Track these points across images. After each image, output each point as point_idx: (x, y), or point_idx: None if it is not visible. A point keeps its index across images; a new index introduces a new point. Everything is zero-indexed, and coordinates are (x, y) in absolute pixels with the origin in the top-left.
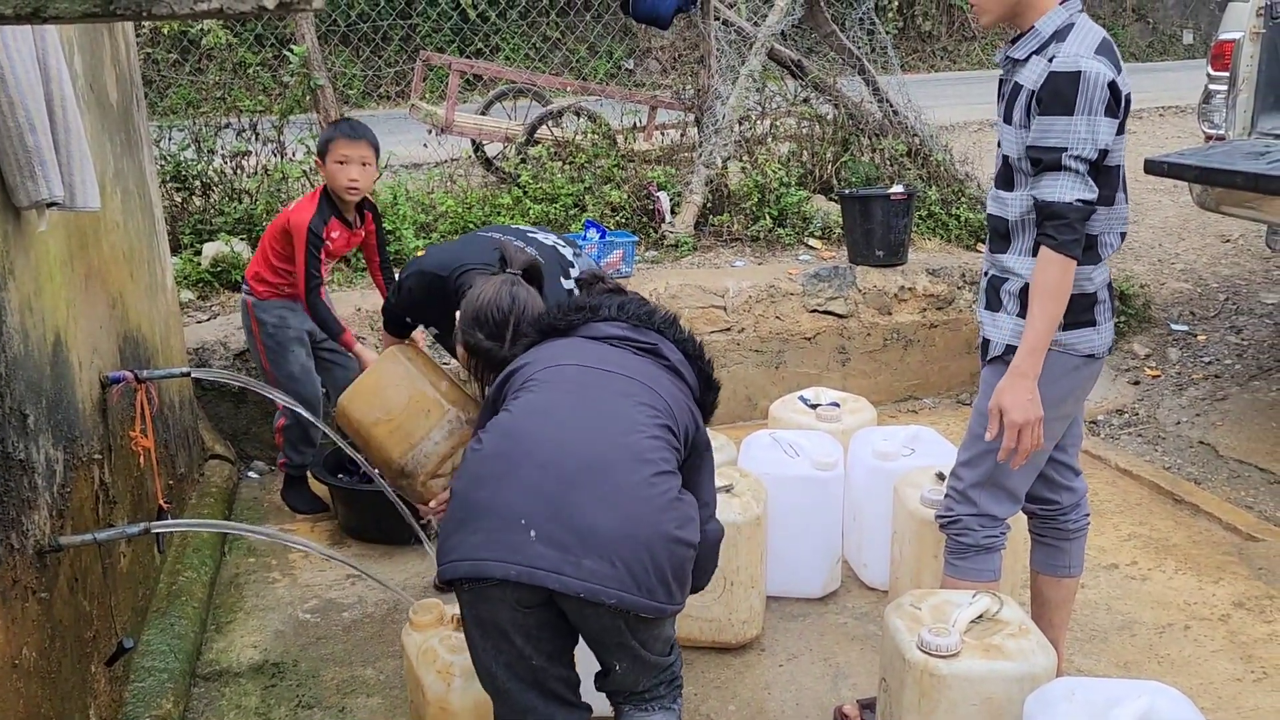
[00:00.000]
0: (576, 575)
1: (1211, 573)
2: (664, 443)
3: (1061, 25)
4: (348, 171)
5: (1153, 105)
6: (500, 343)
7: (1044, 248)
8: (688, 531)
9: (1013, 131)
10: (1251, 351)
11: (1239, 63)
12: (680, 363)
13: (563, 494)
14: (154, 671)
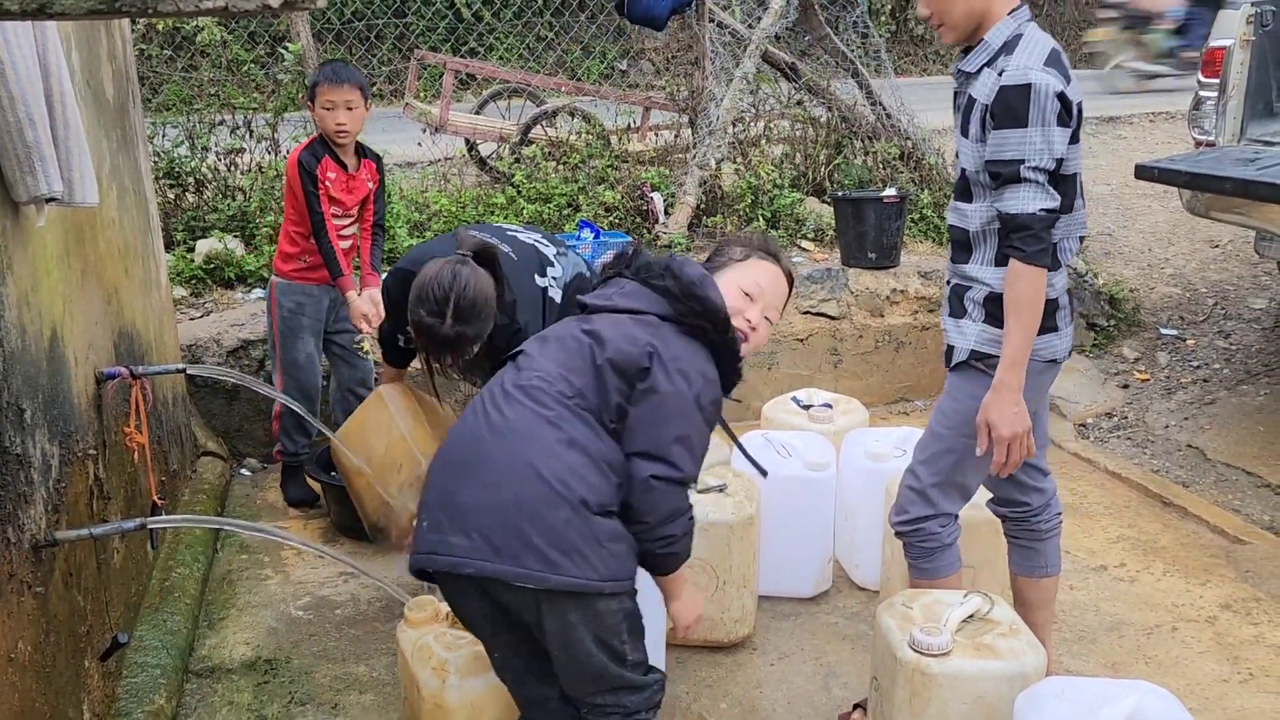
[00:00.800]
0: (444, 552)
1: (1199, 575)
2: (547, 397)
3: (1010, 36)
4: (335, 116)
5: (1143, 111)
6: (440, 319)
7: (1014, 261)
8: (566, 486)
9: (970, 145)
10: (1239, 356)
11: (1229, 69)
12: (625, 294)
13: (447, 480)
14: (147, 667)
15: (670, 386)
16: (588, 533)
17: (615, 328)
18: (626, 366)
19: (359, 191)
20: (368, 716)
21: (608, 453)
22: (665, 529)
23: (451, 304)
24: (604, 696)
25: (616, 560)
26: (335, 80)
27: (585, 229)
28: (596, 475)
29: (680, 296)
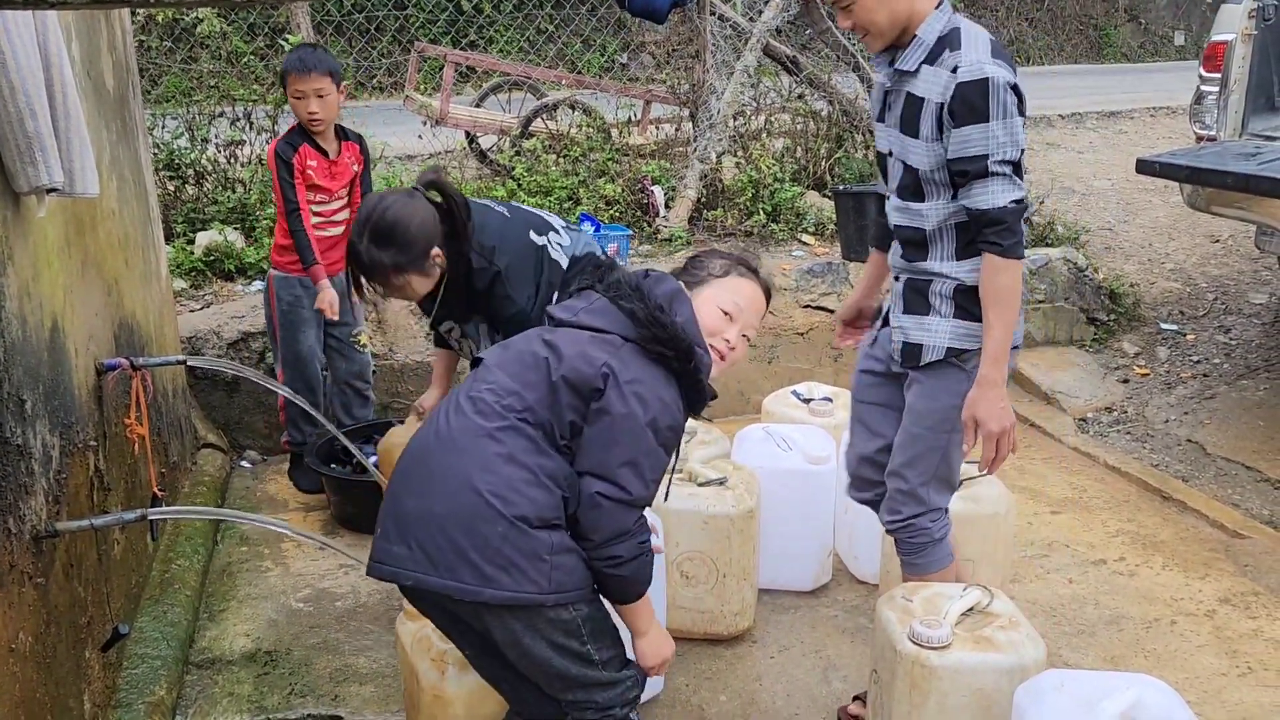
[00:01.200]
0: (387, 561)
1: (1198, 569)
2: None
3: (945, 30)
4: (306, 105)
5: (1144, 106)
6: (359, 239)
7: (991, 256)
8: (503, 501)
9: (923, 145)
10: (1240, 351)
11: (1231, 64)
12: (591, 311)
13: (398, 488)
14: (147, 658)
15: (624, 409)
16: (526, 547)
17: (574, 345)
18: (580, 385)
19: (343, 176)
20: (368, 708)
21: (552, 468)
22: (611, 548)
23: (370, 226)
24: (575, 693)
25: (563, 572)
26: (302, 69)
27: (586, 222)
28: (537, 490)
29: (644, 321)
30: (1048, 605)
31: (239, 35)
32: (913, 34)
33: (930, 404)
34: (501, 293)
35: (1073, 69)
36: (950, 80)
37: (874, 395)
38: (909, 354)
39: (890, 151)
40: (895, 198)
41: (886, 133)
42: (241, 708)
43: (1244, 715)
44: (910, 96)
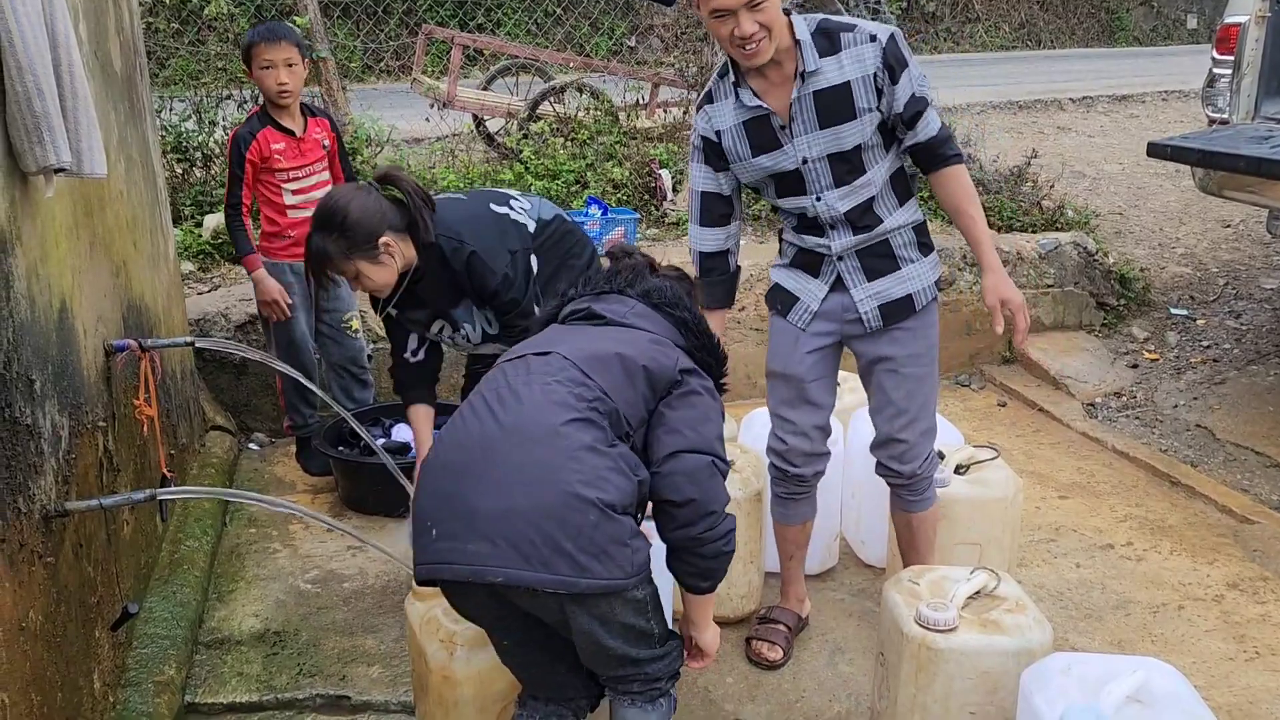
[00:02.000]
0: (462, 561)
1: (1206, 554)
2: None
3: (813, 26)
4: (275, 75)
5: (1156, 90)
6: (312, 231)
7: (952, 167)
8: (592, 489)
9: (862, 120)
10: (1250, 336)
11: (1244, 46)
12: (640, 315)
13: (455, 488)
14: (156, 638)
15: (710, 396)
16: (615, 534)
17: (640, 341)
18: (659, 375)
19: (313, 151)
20: (376, 688)
21: (628, 455)
22: (729, 521)
23: (316, 215)
24: (627, 669)
25: (638, 554)
26: (271, 38)
27: (593, 205)
28: (620, 477)
29: (696, 333)
30: (1055, 590)
31: (247, 17)
32: (789, 41)
33: (923, 343)
34: (480, 268)
35: (1084, 53)
36: (875, 49)
37: (819, 370)
38: (895, 311)
39: (806, 159)
40: (832, 191)
41: (795, 144)
42: (250, 687)
43: (1251, 699)
44: (826, 91)
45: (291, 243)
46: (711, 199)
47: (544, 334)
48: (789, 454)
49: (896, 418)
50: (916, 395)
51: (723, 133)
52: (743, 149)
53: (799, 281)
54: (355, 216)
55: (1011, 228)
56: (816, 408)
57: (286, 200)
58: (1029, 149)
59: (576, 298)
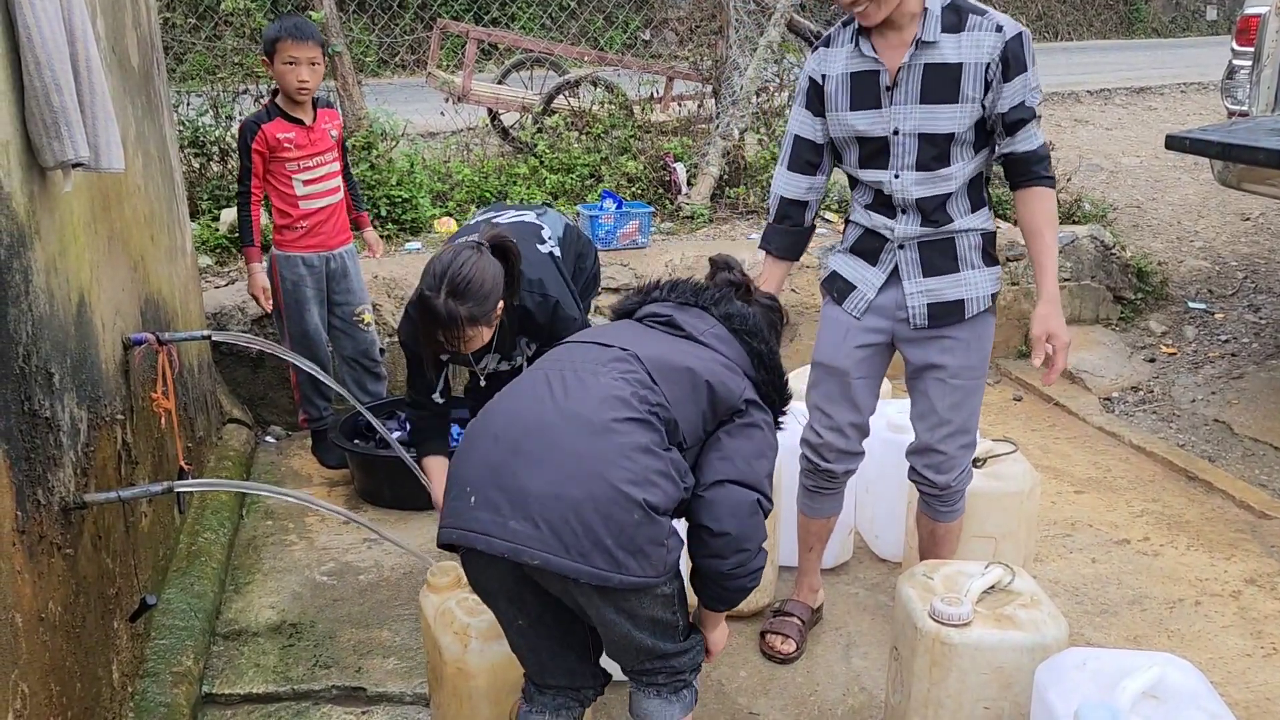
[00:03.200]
0: (501, 536)
1: (1224, 549)
2: (632, 399)
3: (946, 0)
4: (297, 72)
5: (1174, 82)
6: (435, 293)
7: (1042, 188)
8: (642, 491)
9: (962, 108)
10: (1269, 330)
11: (1264, 38)
12: (718, 337)
13: (504, 460)
14: (174, 629)
15: (766, 430)
16: (654, 534)
17: (713, 361)
18: (723, 398)
19: (322, 141)
20: (391, 680)
21: (679, 462)
22: (760, 559)
23: (447, 279)
24: (653, 661)
25: (673, 554)
26: (300, 35)
27: (608, 199)
28: (668, 482)
29: (768, 367)
30: (1070, 584)
31: (263, 12)
32: (919, 8)
33: (974, 355)
34: (564, 316)
35: (1102, 45)
36: (998, 39)
37: (865, 369)
38: (944, 312)
39: (898, 130)
40: (912, 172)
41: (892, 111)
42: (267, 679)
43: (1268, 695)
44: (937, 66)
45: (304, 234)
46: (803, 145)
47: (618, 328)
48: (823, 449)
49: (939, 427)
50: (963, 407)
51: (829, 78)
52: (843, 99)
53: (857, 270)
54: (489, 286)
55: None
56: (857, 408)
57: (297, 190)
58: (1046, 142)
59: (660, 300)
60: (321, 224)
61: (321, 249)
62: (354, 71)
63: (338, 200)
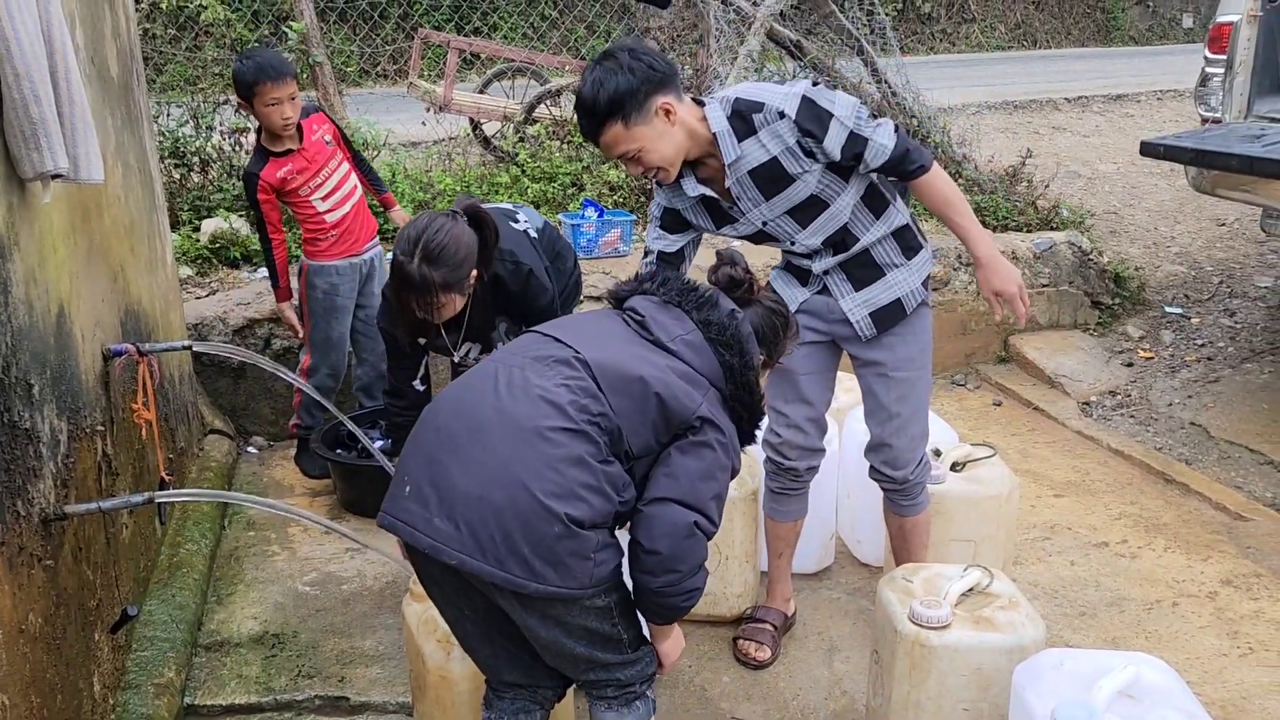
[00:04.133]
0: (426, 531)
1: (1200, 551)
2: (569, 408)
3: (728, 111)
4: (280, 111)
5: (1151, 89)
6: (409, 259)
7: (922, 176)
8: (563, 504)
9: (807, 176)
10: (1244, 334)
11: (1236, 45)
12: (689, 344)
13: (440, 454)
14: (156, 641)
15: (719, 450)
16: (577, 548)
17: (671, 373)
18: (675, 411)
19: (320, 154)
20: (374, 689)
21: (614, 475)
22: (694, 580)
23: (421, 244)
24: (597, 673)
25: (602, 567)
26: (278, 76)
27: (589, 208)
28: (598, 496)
29: (739, 383)
30: (1049, 587)
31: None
32: (708, 136)
33: (914, 347)
34: (536, 286)
35: (1079, 53)
36: (788, 125)
37: (811, 365)
38: (888, 315)
39: (766, 222)
40: (802, 232)
41: (749, 217)
42: (249, 689)
43: (1244, 695)
44: (757, 169)
45: (335, 241)
46: (670, 217)
47: (588, 321)
48: (783, 447)
49: (888, 421)
50: (909, 400)
51: (685, 210)
52: (705, 221)
53: (788, 288)
54: (464, 253)
55: (1006, 227)
56: (809, 403)
57: (320, 208)
58: (1024, 149)
59: (649, 294)
60: (352, 223)
61: (352, 253)
62: (335, 82)
63: (359, 198)
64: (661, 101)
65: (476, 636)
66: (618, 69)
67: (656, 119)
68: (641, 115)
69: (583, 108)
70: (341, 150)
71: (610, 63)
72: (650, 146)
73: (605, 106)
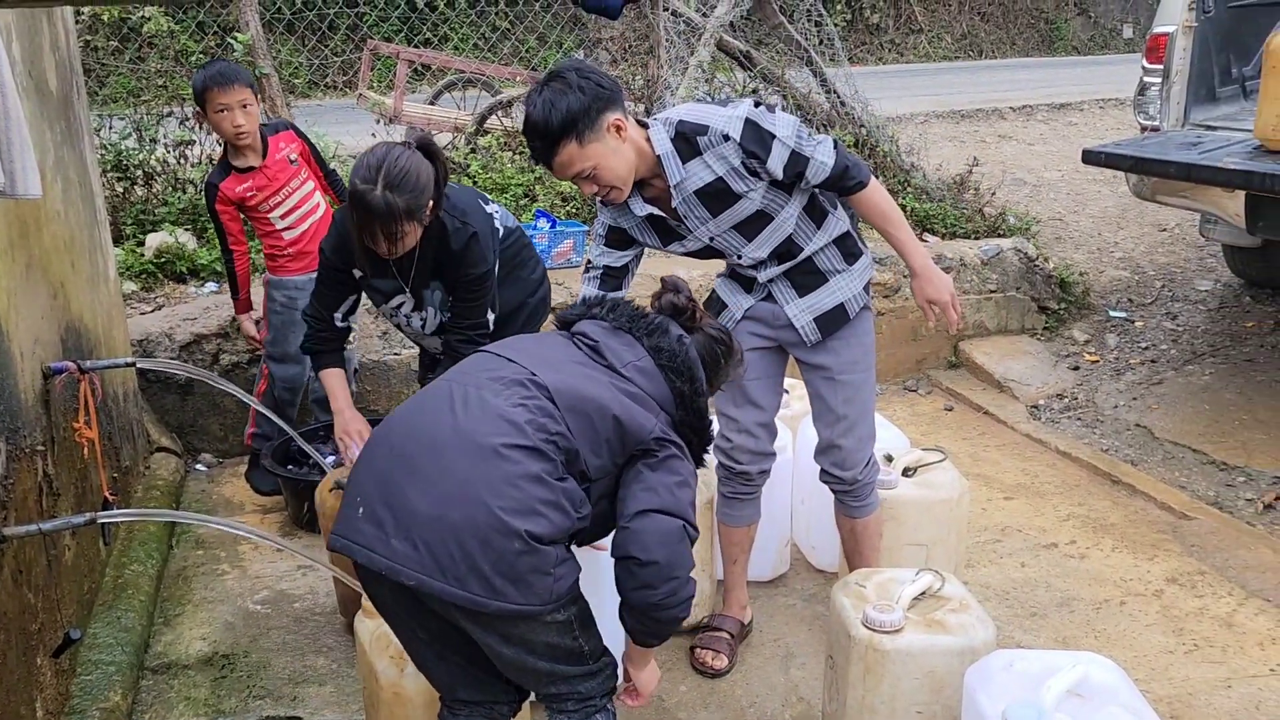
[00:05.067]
0: (383, 554)
1: (1147, 550)
2: (527, 426)
3: (672, 133)
4: (231, 118)
5: (1093, 98)
6: (372, 185)
7: (860, 192)
8: (523, 520)
9: (751, 194)
10: (1186, 337)
11: (1172, 55)
12: (640, 370)
13: (395, 475)
14: (101, 664)
15: (685, 461)
16: (537, 564)
17: (625, 397)
18: (631, 433)
19: (282, 173)
20: (327, 708)
21: (572, 491)
22: (690, 587)
23: (383, 171)
24: (558, 686)
25: (562, 582)
26: (225, 82)
27: (541, 219)
28: (557, 513)
29: (690, 409)
30: (1001, 589)
31: (187, 34)
32: (653, 156)
33: (858, 349)
34: (476, 252)
35: (1024, 62)
36: (733, 147)
37: (758, 370)
38: (832, 320)
39: (712, 237)
40: (747, 245)
41: (696, 234)
42: (198, 711)
43: (1189, 691)
44: (703, 189)
45: (292, 258)
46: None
47: (541, 343)
48: (734, 452)
49: (836, 424)
50: (855, 401)
51: (628, 229)
52: (653, 240)
53: (732, 295)
54: (424, 180)
55: (955, 234)
56: (758, 407)
57: (278, 225)
58: (971, 157)
59: (598, 319)
60: (309, 242)
61: (312, 269)
62: (282, 93)
63: (322, 214)
64: (613, 118)
65: (431, 656)
66: (567, 89)
67: (609, 135)
68: (594, 133)
69: (535, 130)
70: (308, 167)
71: (558, 84)
72: (604, 164)
73: (559, 127)
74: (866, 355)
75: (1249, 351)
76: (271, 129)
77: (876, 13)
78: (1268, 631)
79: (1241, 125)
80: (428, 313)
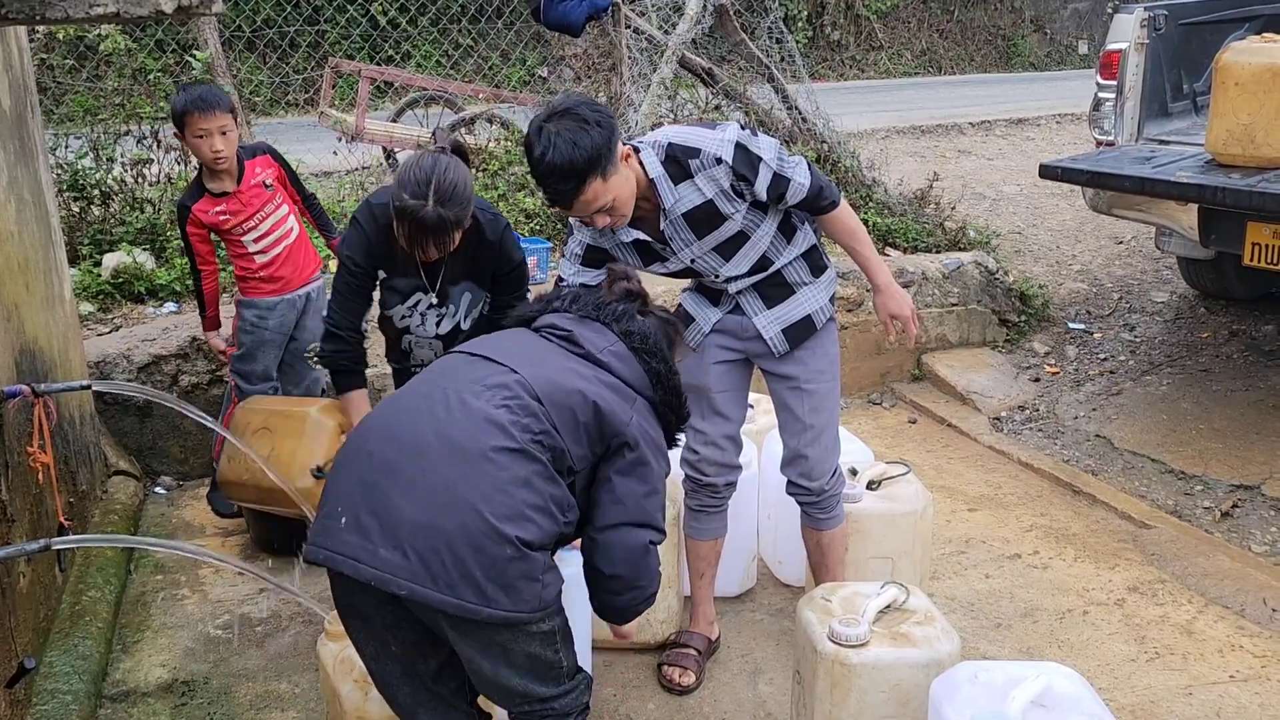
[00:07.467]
0: (370, 563)
1: (1108, 559)
2: (512, 428)
3: (662, 156)
4: (210, 143)
5: (1050, 113)
6: (423, 201)
7: (831, 212)
8: (514, 526)
9: (736, 216)
10: (1144, 348)
11: (1126, 72)
12: (616, 355)
13: (377, 481)
14: (57, 694)
15: (656, 463)
16: (527, 570)
17: (604, 386)
18: (611, 423)
19: (256, 198)
20: None
21: (560, 496)
22: (654, 586)
23: (433, 186)
24: (534, 705)
25: (549, 590)
26: (205, 107)
27: None
28: (545, 517)
29: (667, 388)
30: (966, 600)
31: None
32: (645, 180)
33: (824, 360)
34: (511, 240)
35: (982, 78)
36: (724, 170)
37: (725, 383)
38: (799, 330)
39: (694, 259)
40: (725, 264)
41: (679, 256)
42: None
43: (1152, 699)
44: (694, 210)
45: (263, 281)
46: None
47: (515, 339)
48: (701, 464)
49: (803, 433)
50: (821, 410)
51: (610, 249)
52: (633, 260)
53: (700, 308)
54: (470, 189)
55: (916, 249)
56: (725, 419)
57: (250, 249)
58: (931, 172)
59: (561, 311)
60: (281, 266)
61: (285, 291)
62: (243, 111)
63: (295, 238)
64: (624, 148)
65: (397, 673)
66: (585, 125)
67: (623, 166)
68: (614, 166)
69: (560, 172)
70: (284, 192)
71: (571, 121)
72: (621, 195)
73: (584, 165)
74: (832, 366)
75: (1204, 362)
76: (249, 152)
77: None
78: (1227, 638)
79: (1194, 140)
80: (447, 309)
